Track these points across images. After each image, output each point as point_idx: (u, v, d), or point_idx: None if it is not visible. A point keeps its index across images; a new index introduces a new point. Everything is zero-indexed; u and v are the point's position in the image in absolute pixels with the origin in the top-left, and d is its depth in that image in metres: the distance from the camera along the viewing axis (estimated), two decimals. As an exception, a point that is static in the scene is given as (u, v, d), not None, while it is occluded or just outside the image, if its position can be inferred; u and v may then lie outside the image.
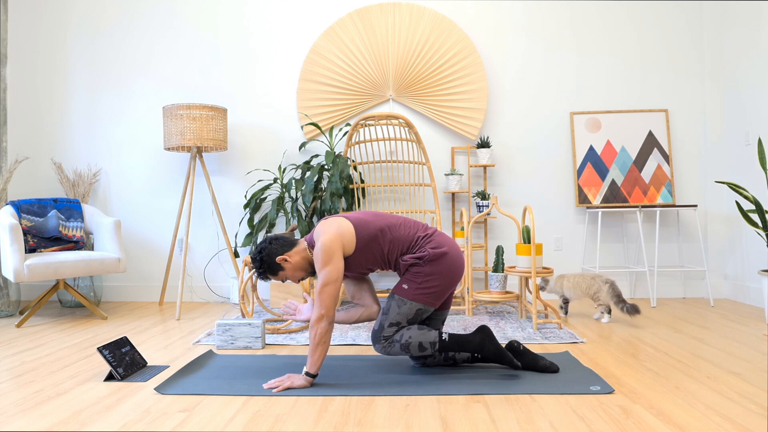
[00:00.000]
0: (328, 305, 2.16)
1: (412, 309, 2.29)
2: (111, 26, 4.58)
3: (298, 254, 2.35)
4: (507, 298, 3.48)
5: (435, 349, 2.30)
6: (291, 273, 2.35)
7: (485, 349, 2.32)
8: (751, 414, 1.89)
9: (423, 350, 2.30)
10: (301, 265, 2.36)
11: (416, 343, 2.29)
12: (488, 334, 2.35)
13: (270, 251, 2.32)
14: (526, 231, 3.44)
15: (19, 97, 4.58)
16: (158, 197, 4.55)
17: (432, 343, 2.30)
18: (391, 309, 2.30)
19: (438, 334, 2.32)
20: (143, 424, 1.83)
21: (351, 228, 2.29)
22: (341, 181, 3.89)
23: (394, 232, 2.33)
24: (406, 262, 2.32)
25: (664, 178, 4.35)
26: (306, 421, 1.85)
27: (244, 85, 4.55)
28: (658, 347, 2.80)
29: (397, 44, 4.44)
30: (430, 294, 2.29)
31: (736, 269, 4.28)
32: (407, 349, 2.29)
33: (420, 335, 2.29)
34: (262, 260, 2.32)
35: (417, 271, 2.30)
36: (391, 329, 2.29)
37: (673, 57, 4.49)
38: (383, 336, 2.30)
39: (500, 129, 4.51)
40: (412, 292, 2.29)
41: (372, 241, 2.30)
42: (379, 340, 2.30)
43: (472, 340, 2.33)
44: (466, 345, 2.33)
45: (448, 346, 2.32)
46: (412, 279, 2.30)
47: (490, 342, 2.33)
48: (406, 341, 2.28)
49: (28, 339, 3.13)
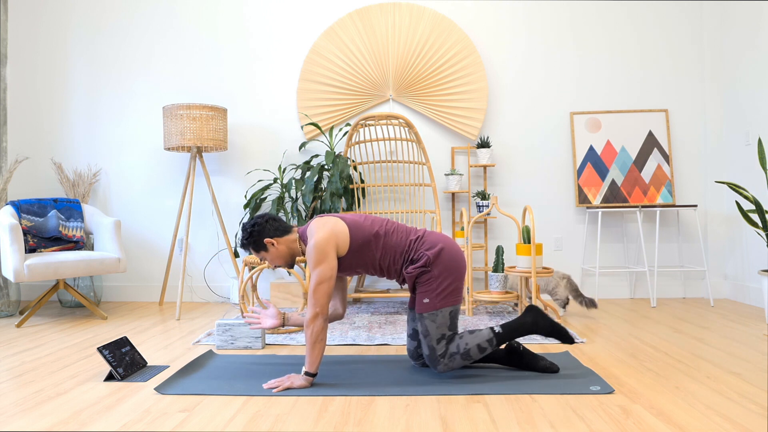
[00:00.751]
0: (323, 303, 2.16)
1: (446, 315, 2.27)
2: (111, 26, 4.58)
3: (286, 243, 2.34)
4: (507, 298, 3.48)
5: (493, 345, 2.29)
6: (271, 257, 2.35)
7: (540, 327, 2.32)
8: (751, 414, 1.89)
9: (484, 351, 2.29)
10: (284, 255, 2.35)
11: (475, 347, 2.28)
12: (539, 312, 2.34)
13: (263, 229, 2.32)
14: (526, 231, 3.44)
15: (19, 97, 4.58)
16: (158, 197, 4.55)
17: (489, 341, 2.29)
18: (429, 328, 2.27)
19: (490, 330, 2.31)
20: (143, 424, 1.83)
21: (346, 230, 2.27)
22: (341, 181, 3.89)
23: (387, 238, 2.31)
24: (411, 274, 2.29)
25: (664, 178, 4.35)
26: (306, 421, 1.85)
27: (244, 85, 4.55)
28: (658, 347, 2.80)
29: (397, 44, 4.44)
30: (450, 293, 2.28)
31: (736, 269, 4.28)
32: (468, 357, 2.28)
33: (474, 338, 2.29)
34: (251, 233, 2.32)
35: (427, 278, 2.28)
36: (441, 345, 2.27)
37: (673, 57, 4.49)
38: (439, 356, 2.27)
39: (500, 129, 4.51)
40: (434, 301, 2.27)
41: (365, 246, 2.29)
42: (437, 361, 2.28)
43: (524, 322, 2.33)
44: (521, 329, 2.32)
45: (505, 336, 2.31)
46: (427, 289, 2.28)
47: (543, 319, 2.33)
48: (465, 349, 2.27)
49: (28, 339, 3.13)
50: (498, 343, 2.30)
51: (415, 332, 2.44)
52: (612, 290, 4.46)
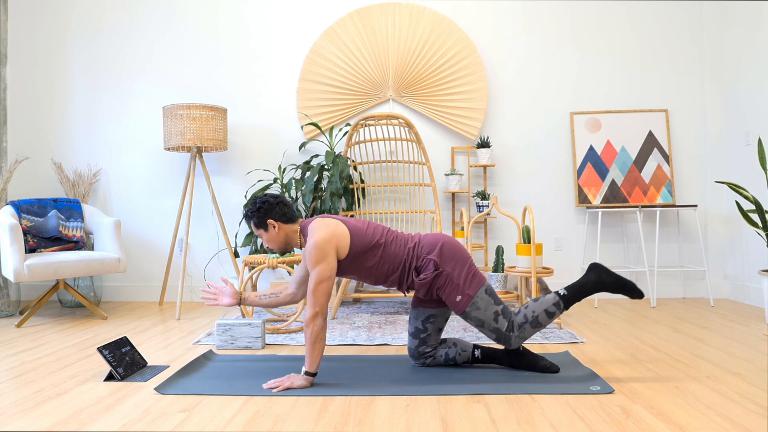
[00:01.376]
0: (322, 302, 2.16)
1: (483, 297, 2.28)
2: (111, 26, 4.58)
3: (286, 231, 2.35)
4: (507, 298, 3.48)
5: (561, 308, 2.29)
6: (267, 238, 2.36)
7: (605, 283, 2.29)
8: (751, 414, 1.89)
9: (552, 316, 2.29)
10: (280, 241, 2.35)
11: (543, 313, 2.28)
12: (602, 268, 2.32)
13: (270, 209, 2.33)
14: (526, 231, 3.44)
15: (19, 97, 4.58)
16: (158, 197, 4.55)
17: (556, 304, 2.29)
18: (479, 316, 2.28)
19: (555, 294, 2.31)
20: (143, 424, 1.83)
21: (347, 234, 2.27)
22: (341, 181, 3.89)
23: (386, 249, 2.31)
24: (426, 280, 2.28)
25: (664, 178, 4.35)
26: (306, 421, 1.85)
27: (244, 85, 4.55)
28: (658, 347, 2.80)
29: (397, 44, 4.44)
30: (472, 277, 2.29)
31: (736, 269, 4.27)
32: (538, 324, 2.28)
33: (540, 305, 2.29)
34: (258, 209, 2.33)
35: (444, 279, 2.28)
36: (502, 322, 2.28)
37: (673, 57, 4.49)
38: (506, 331, 2.28)
39: (500, 129, 4.51)
40: (465, 293, 2.27)
41: (363, 254, 2.28)
42: (508, 337, 2.28)
43: (588, 280, 2.31)
44: (585, 287, 2.30)
45: (571, 297, 2.30)
46: (451, 289, 2.28)
47: (608, 275, 2.30)
48: (533, 317, 2.28)
49: (28, 339, 3.13)
50: (565, 305, 2.29)
51: (417, 330, 2.43)
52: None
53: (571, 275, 4.47)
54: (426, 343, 2.43)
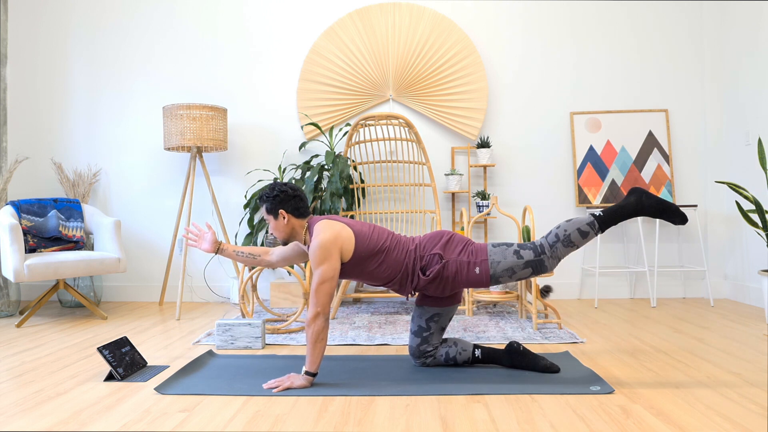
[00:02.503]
0: (324, 303, 2.16)
1: (494, 250, 2.25)
2: (111, 26, 4.58)
3: (294, 224, 2.36)
4: (507, 298, 3.48)
5: (595, 228, 2.22)
6: (274, 226, 2.36)
7: (645, 206, 2.20)
8: (751, 414, 1.89)
9: (586, 236, 2.22)
10: (286, 231, 2.36)
11: (575, 232, 2.21)
12: (643, 192, 2.22)
13: (284, 200, 2.33)
14: (526, 231, 3.44)
15: (19, 97, 4.58)
16: (158, 197, 4.55)
17: (590, 224, 2.22)
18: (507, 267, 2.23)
19: (591, 215, 2.24)
20: (143, 424, 1.83)
21: (352, 238, 2.26)
22: (341, 181, 3.89)
23: (389, 255, 2.30)
24: (430, 276, 2.27)
25: (664, 178, 4.35)
26: (306, 421, 1.85)
27: (244, 85, 4.55)
28: (658, 347, 2.80)
29: (397, 44, 4.44)
30: (474, 249, 2.28)
31: (736, 269, 4.27)
32: (570, 242, 2.21)
33: (573, 224, 2.23)
34: (275, 197, 2.33)
35: (453, 266, 2.27)
36: (527, 253, 2.23)
37: (673, 57, 4.49)
38: (535, 257, 2.22)
39: (500, 129, 4.51)
40: (476, 261, 2.25)
41: (367, 259, 2.28)
42: (541, 262, 2.22)
43: (627, 203, 2.22)
44: (624, 210, 2.21)
45: (607, 219, 2.22)
46: (465, 270, 2.25)
47: (648, 198, 2.21)
48: (565, 236, 2.21)
49: (28, 339, 3.13)
50: (600, 226, 2.22)
51: (420, 329, 2.43)
52: (612, 290, 4.46)
53: (572, 275, 4.47)
54: (428, 341, 2.43)
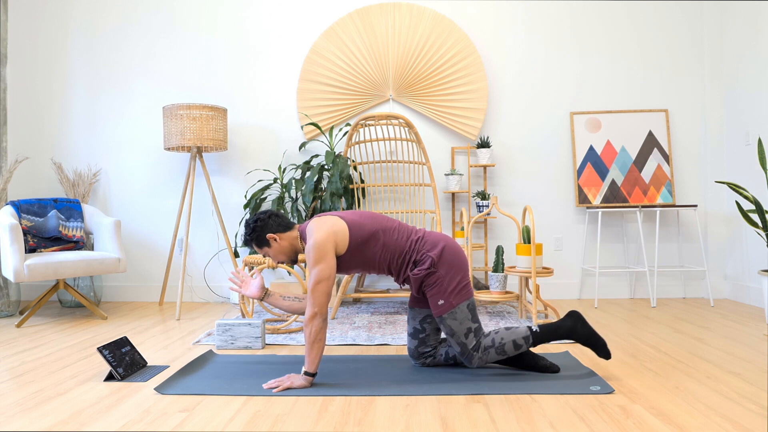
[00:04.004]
0: (321, 303, 2.16)
1: (464, 310, 2.28)
2: (111, 26, 4.58)
3: (288, 239, 2.36)
4: (507, 298, 3.48)
5: (529, 343, 2.28)
6: (274, 253, 2.36)
7: (577, 333, 2.29)
8: (751, 414, 1.89)
9: (519, 348, 2.28)
10: (286, 250, 2.36)
11: (509, 343, 2.28)
12: (579, 318, 2.31)
13: (265, 225, 2.33)
14: (526, 231, 3.44)
15: (19, 97, 4.58)
16: (158, 197, 4.55)
17: (525, 338, 2.29)
18: (453, 327, 2.28)
19: (528, 328, 2.31)
20: (143, 424, 1.83)
21: (345, 228, 2.27)
22: (341, 181, 3.89)
23: (387, 236, 2.31)
24: (418, 275, 2.29)
25: (664, 178, 4.35)
26: (306, 421, 1.85)
27: (243, 85, 4.55)
28: (658, 347, 2.80)
29: (397, 44, 4.44)
30: (461, 288, 2.29)
31: (736, 269, 4.27)
32: (503, 352, 2.28)
33: (510, 334, 2.29)
34: (254, 229, 2.33)
35: (434, 279, 2.28)
36: (471, 339, 2.28)
37: (673, 57, 4.49)
38: (471, 350, 2.29)
39: (500, 129, 4.51)
40: (449, 300, 2.27)
41: (364, 244, 2.29)
42: (471, 356, 2.29)
43: (562, 325, 2.30)
44: (558, 331, 2.30)
45: (541, 336, 2.30)
46: (437, 291, 2.28)
47: (583, 326, 2.30)
48: (500, 344, 2.28)
49: (28, 339, 3.13)
50: (534, 341, 2.30)
51: (416, 331, 2.44)
52: (612, 290, 4.46)
53: (572, 275, 4.47)
54: (425, 343, 2.44)
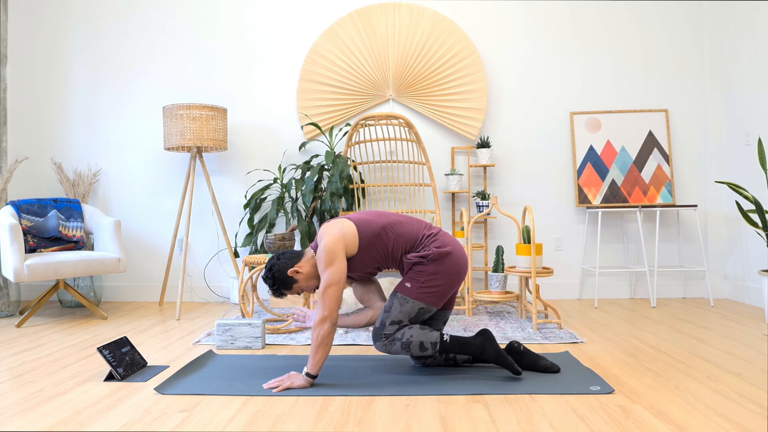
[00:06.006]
0: (332, 307, 2.16)
1: (415, 308, 2.29)
2: (111, 26, 4.58)
3: (308, 263, 2.34)
4: (507, 298, 3.48)
5: (435, 349, 2.29)
6: (305, 283, 2.34)
7: (486, 352, 2.31)
8: (751, 414, 1.89)
9: (424, 350, 2.29)
10: (313, 274, 2.35)
11: (417, 342, 2.28)
12: (489, 337, 2.33)
13: (280, 267, 2.31)
14: (526, 231, 3.44)
15: (19, 97, 4.58)
16: (158, 197, 4.55)
17: (433, 344, 2.28)
18: (393, 307, 2.29)
19: (439, 335, 2.31)
20: (143, 424, 1.83)
21: (353, 228, 2.29)
22: (341, 181, 3.89)
23: (397, 229, 2.33)
24: (409, 261, 2.31)
25: (664, 178, 4.35)
26: (306, 421, 1.85)
27: (244, 85, 4.55)
28: (658, 347, 2.80)
29: (397, 44, 4.44)
30: (432, 293, 2.29)
31: (736, 269, 4.27)
32: (408, 348, 2.28)
33: (421, 335, 2.29)
34: (275, 277, 2.31)
35: (420, 270, 2.29)
36: (392, 327, 2.29)
37: (673, 57, 4.49)
38: (384, 334, 2.29)
39: (500, 129, 4.51)
40: (415, 290, 2.28)
41: (375, 239, 2.30)
42: (380, 338, 2.30)
43: (473, 343, 2.32)
44: (467, 347, 2.32)
45: (449, 347, 2.31)
46: (415, 278, 2.30)
47: (491, 345, 2.31)
48: (407, 340, 2.28)
49: (28, 339, 3.13)
50: (441, 350, 2.29)
51: None
52: (612, 290, 4.46)
53: (572, 275, 4.47)
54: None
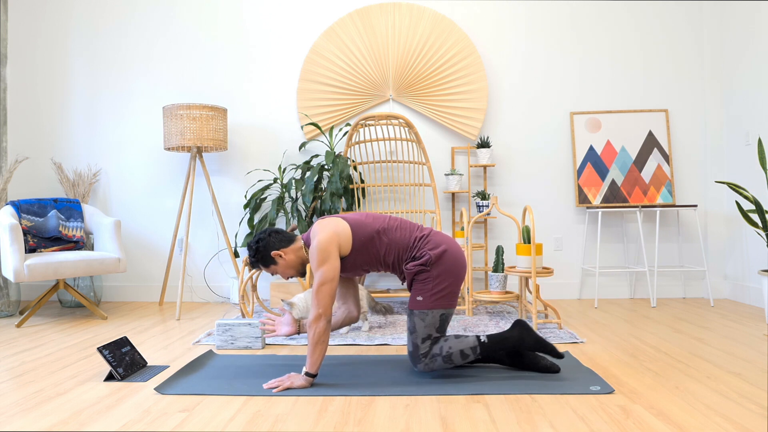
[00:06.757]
0: (326, 304, 2.16)
1: (436, 317, 2.27)
2: (111, 26, 4.58)
3: (294, 252, 2.36)
4: (507, 298, 3.48)
5: (477, 354, 2.28)
6: (282, 269, 2.37)
7: (525, 342, 2.29)
8: (751, 414, 1.89)
9: (466, 358, 2.27)
10: (294, 264, 2.37)
11: (458, 352, 2.27)
12: (525, 327, 2.32)
13: (267, 243, 2.34)
14: (526, 231, 3.44)
15: (19, 97, 4.58)
16: (158, 197, 4.55)
17: (473, 348, 2.27)
18: (416, 325, 2.27)
19: (476, 338, 2.30)
20: (143, 424, 1.83)
21: (348, 229, 2.28)
22: (341, 181, 3.89)
23: (390, 234, 2.32)
24: (411, 270, 2.29)
25: (664, 178, 4.35)
26: (306, 421, 1.85)
27: (243, 85, 4.55)
28: (658, 347, 2.80)
29: (397, 44, 4.44)
30: (445, 296, 2.28)
31: (736, 269, 4.27)
32: (450, 360, 2.27)
33: (458, 343, 2.28)
34: (258, 250, 2.34)
35: (424, 277, 2.28)
36: (425, 345, 2.27)
37: (673, 57, 4.49)
38: (421, 354, 2.27)
39: (500, 129, 4.51)
40: (428, 301, 2.26)
41: (368, 243, 2.30)
42: (419, 359, 2.28)
43: (510, 336, 2.31)
44: (506, 342, 2.30)
45: (489, 347, 2.29)
46: (422, 288, 2.28)
47: (529, 335, 2.30)
48: (447, 352, 2.26)
49: (28, 339, 3.13)
50: (482, 352, 2.29)
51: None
52: (612, 290, 4.46)
53: (572, 275, 4.47)
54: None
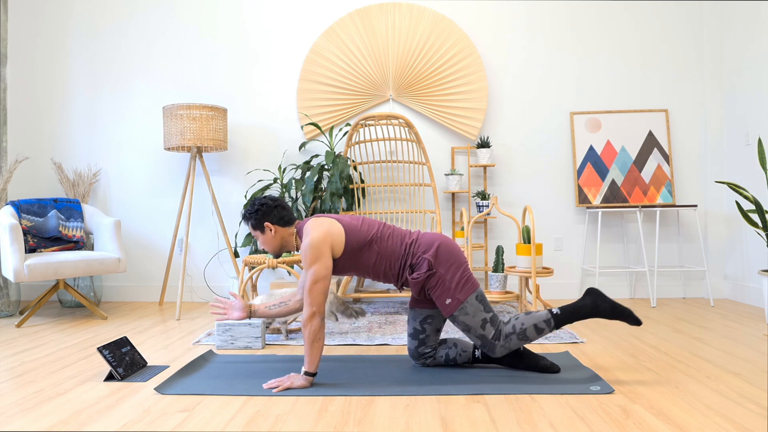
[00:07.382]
0: (320, 302, 2.16)
1: (474, 302, 2.26)
2: (111, 26, 4.58)
3: (282, 233, 2.36)
4: (507, 298, 3.48)
5: (551, 326, 2.25)
6: (263, 240, 2.37)
7: (600, 309, 2.25)
8: (751, 414, 1.89)
9: (541, 332, 2.26)
10: (275, 244, 2.37)
11: (531, 327, 2.25)
12: (599, 294, 2.28)
13: (267, 212, 2.34)
14: (526, 231, 3.44)
15: (19, 97, 4.58)
16: (158, 197, 4.55)
17: (547, 321, 2.26)
18: (467, 321, 2.26)
19: (548, 311, 2.28)
20: (143, 424, 1.83)
21: (342, 232, 2.27)
22: (341, 181, 3.89)
23: (383, 243, 2.31)
24: (418, 279, 2.28)
25: (664, 178, 4.35)
26: (306, 421, 1.85)
27: (243, 85, 4.55)
28: (658, 347, 2.80)
29: (397, 44, 4.44)
30: (464, 282, 2.27)
31: (736, 269, 4.27)
32: (524, 337, 2.25)
33: (530, 319, 2.27)
34: (256, 212, 2.34)
35: (436, 280, 2.28)
36: (489, 329, 2.26)
37: (673, 57, 4.49)
38: (492, 339, 2.26)
39: (500, 129, 4.51)
40: (456, 296, 2.26)
41: (360, 251, 2.29)
42: (493, 345, 2.26)
43: (584, 305, 2.27)
44: (579, 311, 2.26)
45: (562, 318, 2.26)
46: (442, 291, 2.27)
47: (603, 301, 2.26)
48: (521, 329, 2.25)
49: (28, 339, 3.13)
50: (556, 324, 2.26)
51: (416, 331, 2.43)
52: (612, 290, 4.46)
53: (572, 275, 4.47)
54: (425, 343, 2.43)
